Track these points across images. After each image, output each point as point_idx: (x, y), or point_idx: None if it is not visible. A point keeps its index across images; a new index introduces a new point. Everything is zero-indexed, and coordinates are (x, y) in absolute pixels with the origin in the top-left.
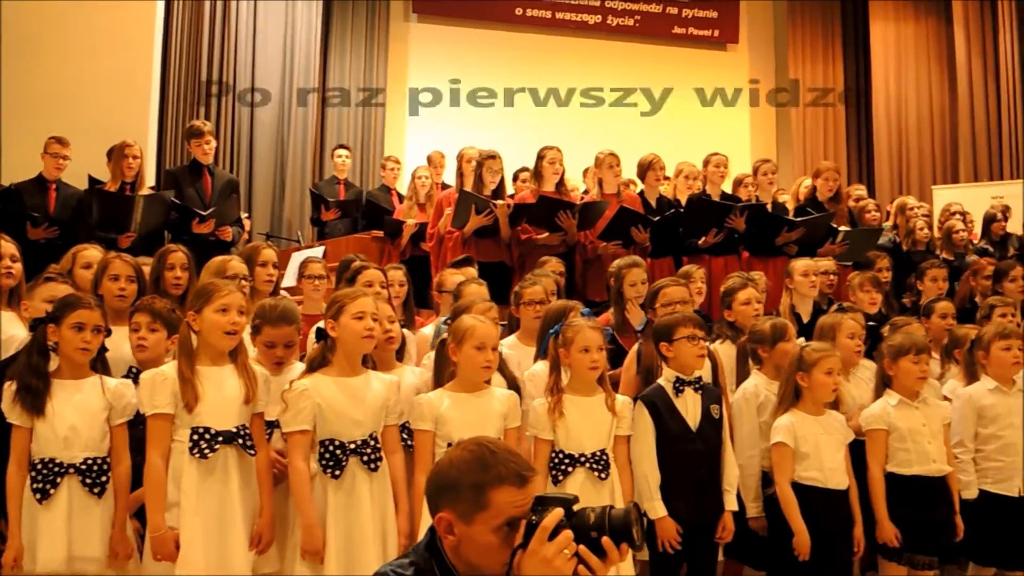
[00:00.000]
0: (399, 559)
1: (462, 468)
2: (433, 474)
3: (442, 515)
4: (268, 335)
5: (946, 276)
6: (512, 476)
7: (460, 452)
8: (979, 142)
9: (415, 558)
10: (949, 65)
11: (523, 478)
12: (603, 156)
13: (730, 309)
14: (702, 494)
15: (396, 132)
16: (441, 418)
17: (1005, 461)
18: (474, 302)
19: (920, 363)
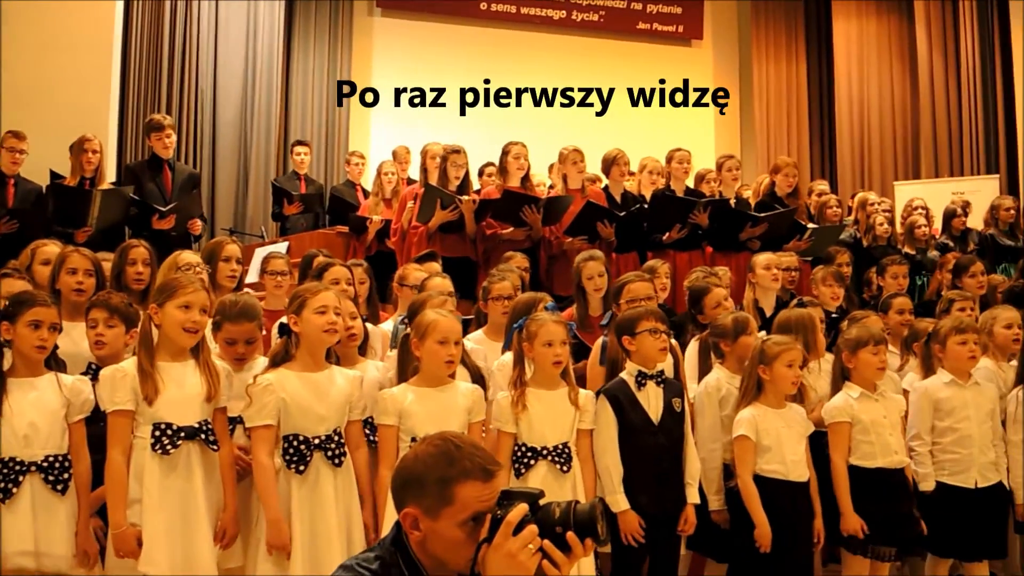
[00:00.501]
0: (364, 553)
1: (427, 463)
2: (398, 469)
3: (407, 510)
4: (229, 331)
5: (907, 272)
6: (477, 471)
7: (425, 447)
8: (940, 139)
9: (380, 552)
10: (911, 63)
11: (488, 472)
12: (567, 152)
13: (703, 314)
14: (664, 487)
15: (361, 127)
16: (405, 412)
17: (961, 453)
18: (431, 296)
19: (879, 354)
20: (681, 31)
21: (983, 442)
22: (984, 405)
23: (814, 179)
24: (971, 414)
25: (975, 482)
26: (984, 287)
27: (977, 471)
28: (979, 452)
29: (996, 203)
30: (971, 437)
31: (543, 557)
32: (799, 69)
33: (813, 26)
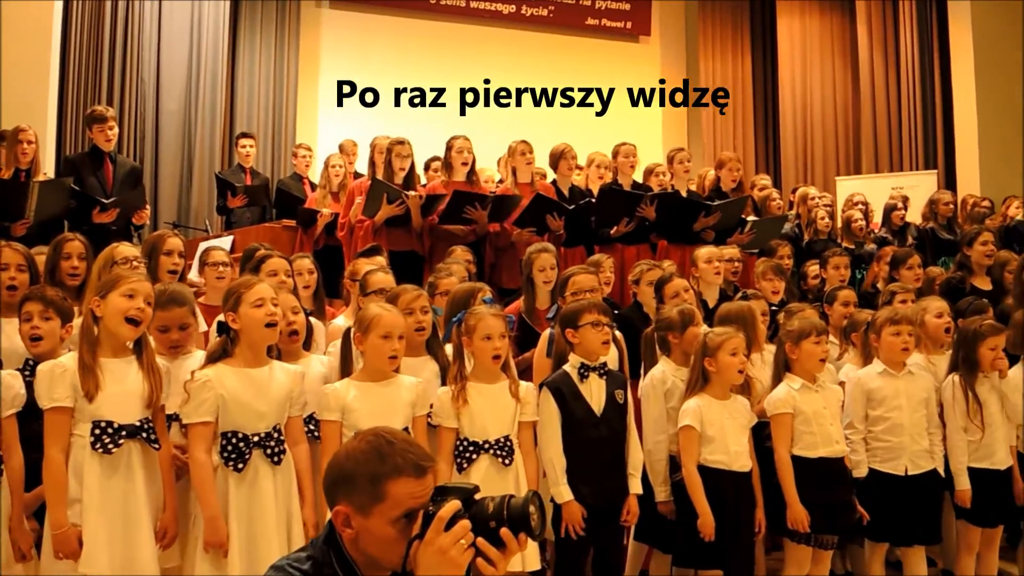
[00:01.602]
0: (296, 553)
1: (359, 460)
2: (329, 467)
3: (339, 508)
4: (160, 319)
5: (848, 263)
6: (410, 467)
7: (357, 443)
8: (880, 135)
9: (313, 552)
10: (852, 61)
11: (421, 468)
12: (516, 145)
13: (663, 303)
14: (607, 478)
15: (308, 120)
16: (347, 408)
17: (893, 441)
18: (404, 291)
19: (821, 344)
20: (629, 27)
21: (914, 430)
22: (916, 394)
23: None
24: (903, 403)
25: (905, 469)
26: (921, 279)
27: (908, 459)
28: (910, 440)
29: (935, 198)
30: (902, 426)
31: (476, 553)
32: (744, 66)
33: (758, 24)
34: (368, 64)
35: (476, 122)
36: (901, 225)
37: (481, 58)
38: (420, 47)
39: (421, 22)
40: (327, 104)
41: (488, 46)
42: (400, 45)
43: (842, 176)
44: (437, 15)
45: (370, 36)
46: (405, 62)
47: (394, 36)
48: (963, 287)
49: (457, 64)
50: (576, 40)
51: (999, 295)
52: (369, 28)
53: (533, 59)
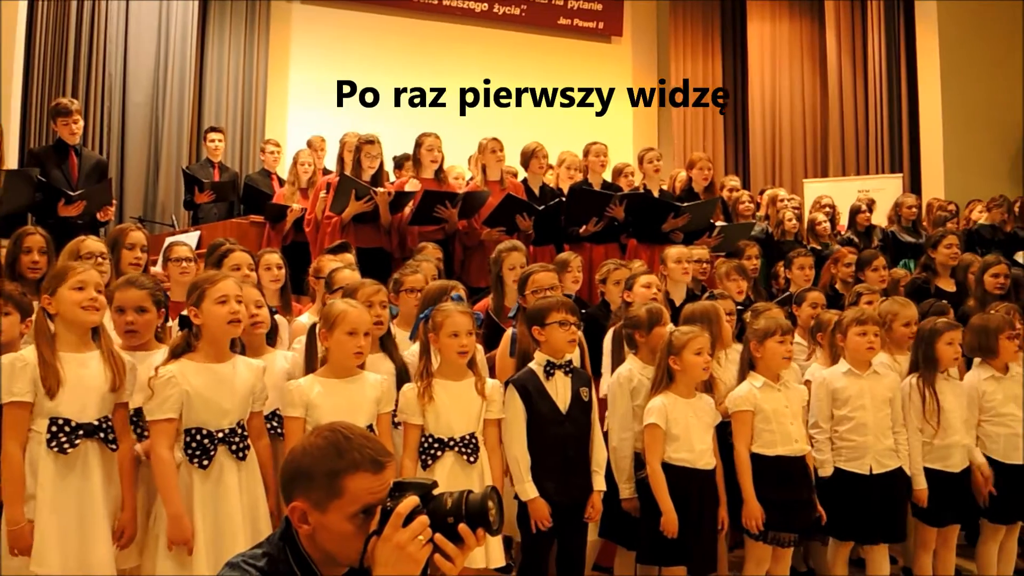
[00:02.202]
0: (252, 550)
1: (315, 455)
2: (286, 462)
3: (295, 504)
4: (117, 300)
5: (812, 264)
6: (367, 462)
7: (313, 439)
8: (847, 139)
9: (268, 548)
10: (821, 64)
11: (379, 464)
12: (486, 142)
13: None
14: (572, 475)
15: (278, 115)
16: (311, 404)
17: (857, 441)
18: (363, 284)
19: (785, 343)
20: (601, 27)
21: (879, 430)
22: (881, 394)
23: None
24: (867, 403)
25: (870, 468)
26: (886, 280)
27: (872, 458)
28: (875, 439)
29: (899, 201)
30: (866, 425)
31: (434, 549)
32: (715, 68)
33: (729, 26)
34: (338, 60)
35: (447, 119)
36: (867, 227)
37: (452, 56)
38: (391, 44)
39: (393, 19)
40: (297, 99)
41: (460, 44)
42: (371, 42)
43: (810, 178)
44: (409, 12)
45: (341, 32)
46: (376, 59)
47: (365, 32)
48: (927, 288)
49: (428, 62)
50: (548, 39)
51: (963, 297)
52: (340, 24)
53: (505, 58)
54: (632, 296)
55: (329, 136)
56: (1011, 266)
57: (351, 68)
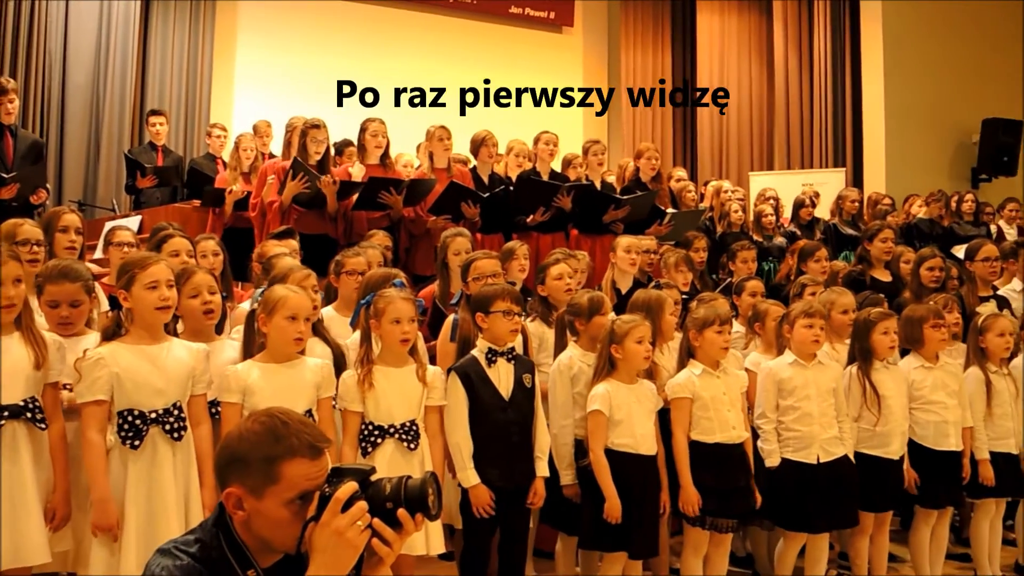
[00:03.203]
0: (184, 536)
1: (251, 441)
2: (221, 448)
3: (230, 490)
4: (50, 293)
5: (755, 256)
6: (305, 448)
7: (250, 424)
8: (793, 133)
9: (201, 535)
10: (768, 60)
11: (316, 450)
12: (434, 129)
13: (544, 284)
14: (514, 461)
15: (223, 99)
16: (249, 389)
17: (803, 431)
18: (292, 269)
19: (723, 333)
20: (553, 17)
21: (824, 419)
22: (825, 384)
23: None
24: (812, 393)
25: (817, 457)
26: (827, 272)
27: (819, 447)
28: (820, 429)
29: (842, 195)
30: (812, 415)
31: (373, 534)
32: (664, 60)
33: (679, 19)
34: (286, 44)
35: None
36: (809, 220)
37: (401, 42)
38: (340, 29)
39: (342, 3)
40: (244, 83)
41: (408, 30)
42: (320, 25)
43: (755, 171)
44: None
45: (289, 15)
46: (325, 44)
47: (314, 16)
48: (863, 280)
49: (377, 47)
50: (499, 28)
51: (898, 288)
52: (288, 7)
53: (455, 45)
54: (545, 290)
55: (276, 121)
56: (945, 259)
57: (299, 52)
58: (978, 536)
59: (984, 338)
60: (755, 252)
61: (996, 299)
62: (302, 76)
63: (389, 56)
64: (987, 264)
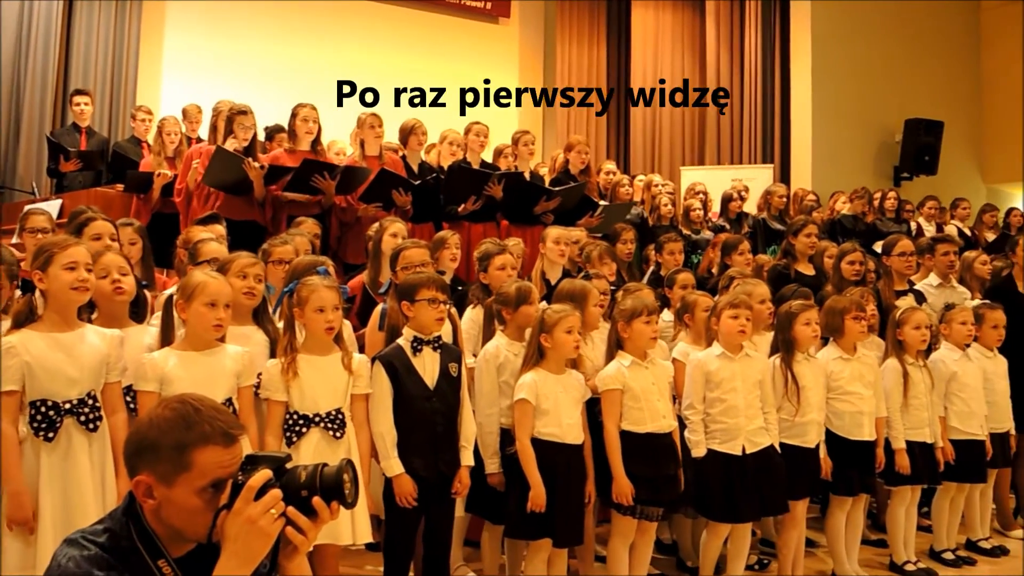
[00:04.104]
0: (93, 525)
1: (162, 428)
2: (131, 435)
3: (140, 478)
4: None
5: (682, 249)
6: (217, 435)
7: (161, 411)
8: (723, 129)
9: (111, 524)
10: (700, 57)
11: (230, 437)
12: (365, 117)
13: (486, 272)
14: (439, 451)
15: (150, 80)
16: (166, 378)
17: (729, 423)
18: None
19: (651, 324)
20: (489, 8)
21: (750, 411)
22: (751, 376)
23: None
24: (738, 385)
25: (743, 448)
26: (751, 264)
27: (744, 438)
28: (746, 420)
29: (769, 190)
30: (737, 407)
31: (287, 523)
32: (599, 53)
33: (614, 14)
34: (215, 27)
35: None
36: (738, 214)
37: (335, 28)
38: (271, 14)
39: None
40: (172, 65)
41: (343, 16)
42: (251, 10)
43: (687, 166)
44: None
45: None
46: (255, 28)
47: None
48: (788, 273)
49: (310, 32)
50: (435, 17)
51: (821, 281)
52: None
53: (391, 33)
54: (487, 278)
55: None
56: (865, 254)
57: (229, 36)
58: (894, 523)
59: (902, 331)
60: (682, 244)
61: (914, 293)
62: (231, 60)
63: (322, 42)
64: (903, 259)
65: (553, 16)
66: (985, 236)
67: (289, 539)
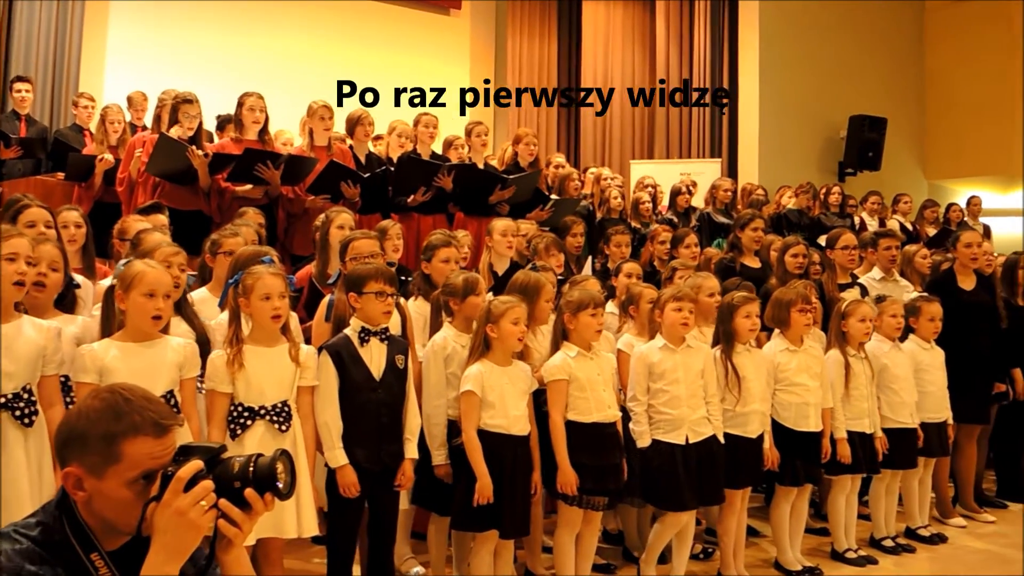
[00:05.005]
0: (26, 519)
1: (91, 418)
2: (60, 426)
3: (70, 470)
4: None
5: (630, 242)
6: (148, 425)
7: (90, 401)
8: (672, 124)
9: (43, 517)
10: (650, 52)
11: (161, 427)
12: (316, 106)
13: (429, 263)
14: (383, 442)
15: (94, 67)
16: (106, 369)
17: (673, 414)
18: (160, 245)
19: (597, 316)
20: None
21: (693, 401)
22: (694, 366)
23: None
24: (681, 377)
25: (686, 438)
26: (698, 257)
27: (688, 428)
28: (689, 411)
29: (716, 184)
30: (680, 398)
31: (220, 515)
32: (551, 47)
33: (565, 9)
34: (161, 15)
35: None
36: (686, 208)
37: (282, 16)
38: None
39: None
40: (116, 52)
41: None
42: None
43: (636, 160)
44: None
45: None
46: (202, 17)
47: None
48: (734, 266)
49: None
50: (385, 6)
51: (767, 274)
52: None
53: (337, 22)
54: (430, 269)
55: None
56: (809, 247)
57: (175, 25)
58: (835, 511)
59: (847, 323)
60: (630, 237)
61: (858, 286)
62: (177, 49)
63: (269, 32)
64: (846, 252)
65: (504, 10)
66: (926, 231)
67: (223, 532)
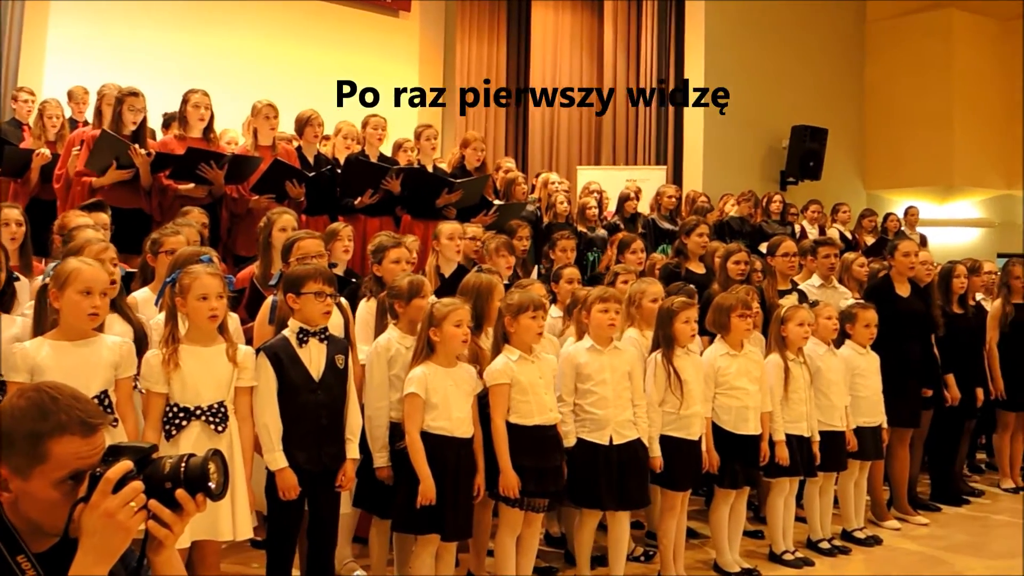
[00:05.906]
0: None
1: (16, 417)
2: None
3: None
4: None
5: (575, 246)
6: (75, 424)
7: (16, 400)
8: (619, 130)
9: None
10: (598, 58)
11: (89, 427)
12: (261, 106)
13: (380, 265)
14: (323, 444)
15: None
16: (38, 368)
17: (599, 414)
18: (89, 241)
19: (537, 319)
20: (390, 0)
21: (619, 403)
22: (621, 368)
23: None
24: (607, 377)
25: (610, 439)
26: (643, 263)
27: (612, 429)
28: (615, 412)
29: (661, 191)
30: (607, 399)
31: (149, 516)
32: (499, 51)
33: (514, 12)
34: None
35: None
36: (632, 214)
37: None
38: None
39: None
40: (56, 45)
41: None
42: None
43: (583, 165)
44: None
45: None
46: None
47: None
48: (679, 271)
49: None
50: (335, 7)
51: (711, 279)
52: None
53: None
54: (381, 271)
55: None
56: (751, 254)
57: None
58: (773, 514)
59: (785, 327)
60: (575, 242)
61: (798, 292)
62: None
63: (215, 31)
64: (786, 259)
65: (453, 12)
66: (864, 240)
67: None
